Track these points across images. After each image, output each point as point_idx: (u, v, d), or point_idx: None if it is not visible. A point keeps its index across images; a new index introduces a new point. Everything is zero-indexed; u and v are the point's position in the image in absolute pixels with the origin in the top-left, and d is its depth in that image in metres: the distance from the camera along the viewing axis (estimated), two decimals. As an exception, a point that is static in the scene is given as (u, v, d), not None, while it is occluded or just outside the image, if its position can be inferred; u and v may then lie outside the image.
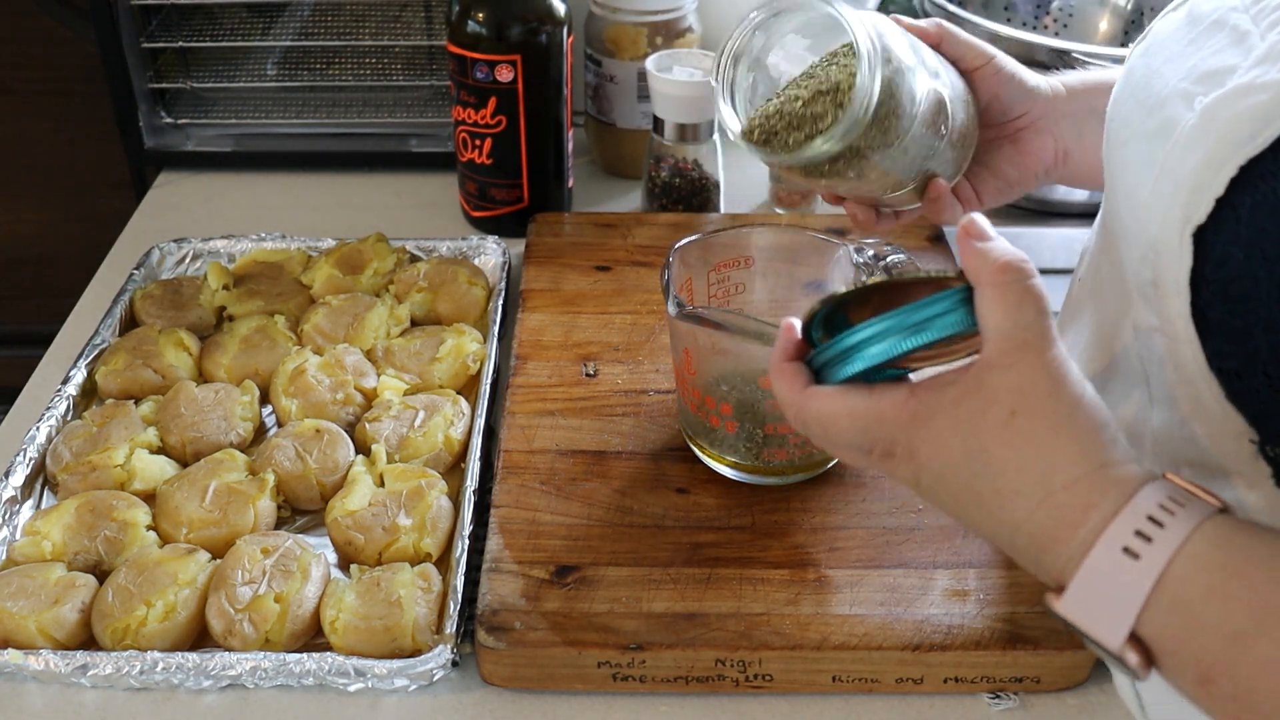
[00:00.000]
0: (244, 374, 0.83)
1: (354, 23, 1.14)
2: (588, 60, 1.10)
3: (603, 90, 1.10)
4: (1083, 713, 0.63)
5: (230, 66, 1.17)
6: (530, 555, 0.67)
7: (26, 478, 0.74)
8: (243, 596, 0.64)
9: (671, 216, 1.01)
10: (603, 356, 0.83)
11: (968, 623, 0.63)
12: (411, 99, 1.16)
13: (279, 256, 0.96)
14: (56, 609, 0.64)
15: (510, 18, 0.93)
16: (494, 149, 0.98)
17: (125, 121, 1.10)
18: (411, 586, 0.65)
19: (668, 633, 0.62)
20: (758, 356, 0.67)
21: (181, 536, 0.70)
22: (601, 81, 1.10)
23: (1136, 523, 0.42)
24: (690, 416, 0.73)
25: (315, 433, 0.76)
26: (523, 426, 0.76)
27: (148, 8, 1.11)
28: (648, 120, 1.03)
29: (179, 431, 0.77)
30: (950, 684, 0.63)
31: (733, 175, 1.10)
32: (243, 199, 1.10)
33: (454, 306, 0.90)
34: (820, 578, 0.66)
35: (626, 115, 1.10)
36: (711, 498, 0.71)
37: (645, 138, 1.03)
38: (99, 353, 0.85)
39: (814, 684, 0.63)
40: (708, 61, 0.99)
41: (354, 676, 0.61)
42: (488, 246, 0.96)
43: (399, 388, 0.82)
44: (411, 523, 0.70)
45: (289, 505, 0.75)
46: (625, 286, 0.91)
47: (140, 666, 0.61)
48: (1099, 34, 1.23)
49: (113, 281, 0.97)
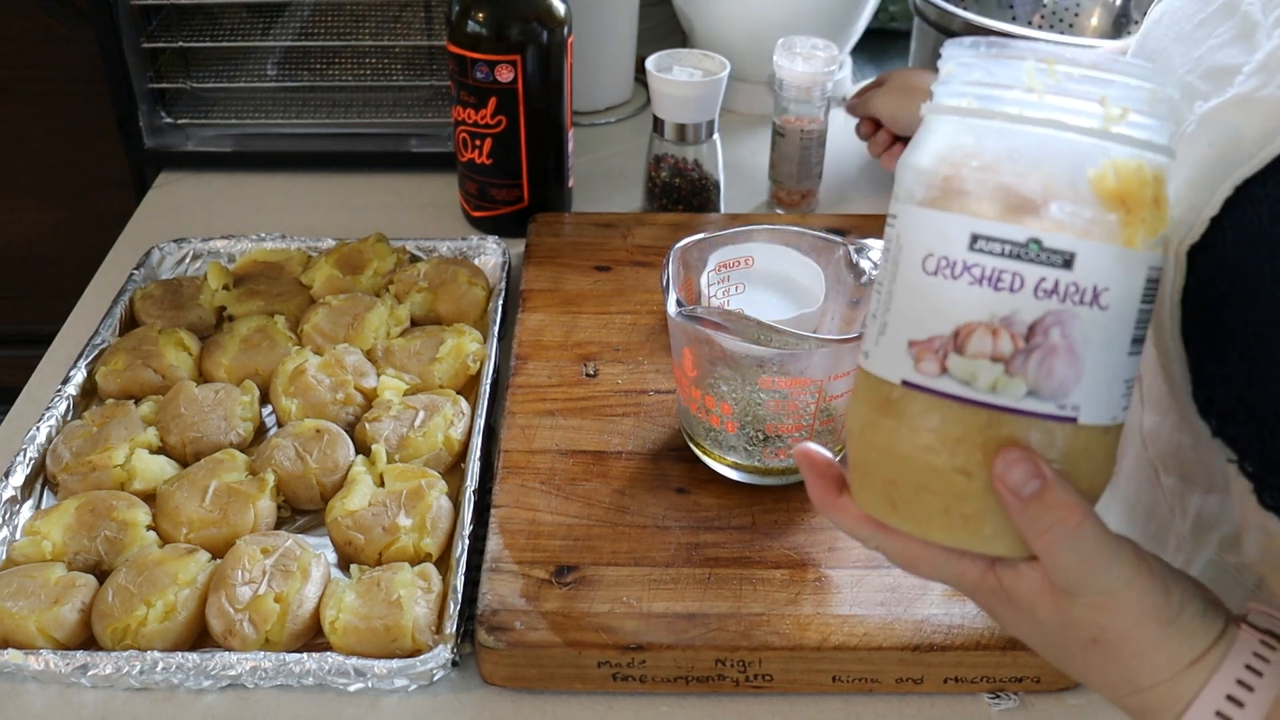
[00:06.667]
0: (244, 374, 0.83)
1: (354, 23, 1.14)
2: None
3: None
4: (1083, 713, 0.63)
5: (230, 66, 1.16)
6: (530, 555, 0.67)
7: (26, 478, 0.74)
8: (243, 596, 0.64)
9: (671, 216, 1.01)
10: (603, 356, 0.83)
11: (968, 623, 0.63)
12: (411, 99, 1.16)
13: (279, 256, 0.96)
14: (56, 609, 0.64)
15: (510, 18, 0.93)
16: (494, 149, 0.98)
17: (125, 121, 1.10)
18: (411, 586, 0.65)
19: (668, 633, 0.62)
20: (758, 357, 0.67)
21: (181, 536, 0.70)
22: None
23: (1218, 704, 0.42)
24: (690, 416, 0.73)
25: (315, 433, 0.76)
26: (523, 426, 0.76)
27: (148, 8, 1.11)
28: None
29: (179, 431, 0.77)
30: (950, 684, 0.63)
31: (733, 175, 1.10)
32: (243, 199, 1.10)
33: (454, 306, 0.90)
34: (820, 578, 0.66)
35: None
36: (711, 498, 0.71)
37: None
38: (99, 353, 0.85)
39: (814, 684, 0.63)
40: (708, 62, 0.98)
41: (354, 676, 0.61)
42: (488, 246, 0.96)
43: (399, 388, 0.82)
44: (411, 523, 0.70)
45: (289, 505, 0.75)
46: (625, 286, 0.91)
47: (140, 666, 0.61)
48: (1089, 28, 1.24)
49: (113, 281, 0.97)
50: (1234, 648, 0.43)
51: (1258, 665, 0.42)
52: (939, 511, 0.43)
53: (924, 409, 0.42)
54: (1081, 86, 0.40)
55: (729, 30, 1.21)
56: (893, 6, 1.43)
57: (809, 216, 1.06)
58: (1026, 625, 0.46)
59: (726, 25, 1.21)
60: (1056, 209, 0.40)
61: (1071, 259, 0.40)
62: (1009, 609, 0.46)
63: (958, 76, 0.43)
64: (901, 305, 0.43)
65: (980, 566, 0.45)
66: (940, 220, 0.42)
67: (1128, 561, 0.43)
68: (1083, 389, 0.41)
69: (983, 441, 0.41)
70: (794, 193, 1.07)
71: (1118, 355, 0.42)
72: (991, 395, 0.41)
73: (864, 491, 0.46)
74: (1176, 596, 0.43)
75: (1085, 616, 0.43)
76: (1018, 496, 0.41)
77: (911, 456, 0.43)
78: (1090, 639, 0.44)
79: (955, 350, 0.41)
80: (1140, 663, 0.43)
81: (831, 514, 0.48)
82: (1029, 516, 0.41)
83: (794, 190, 1.07)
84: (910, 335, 0.42)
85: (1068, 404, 0.41)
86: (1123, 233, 0.40)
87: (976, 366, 0.41)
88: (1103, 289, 0.40)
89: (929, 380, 0.42)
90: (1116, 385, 0.42)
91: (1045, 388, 0.41)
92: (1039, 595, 0.44)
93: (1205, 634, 0.43)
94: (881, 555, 0.47)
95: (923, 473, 0.43)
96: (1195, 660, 0.43)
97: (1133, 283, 0.41)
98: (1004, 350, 0.41)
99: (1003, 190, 0.40)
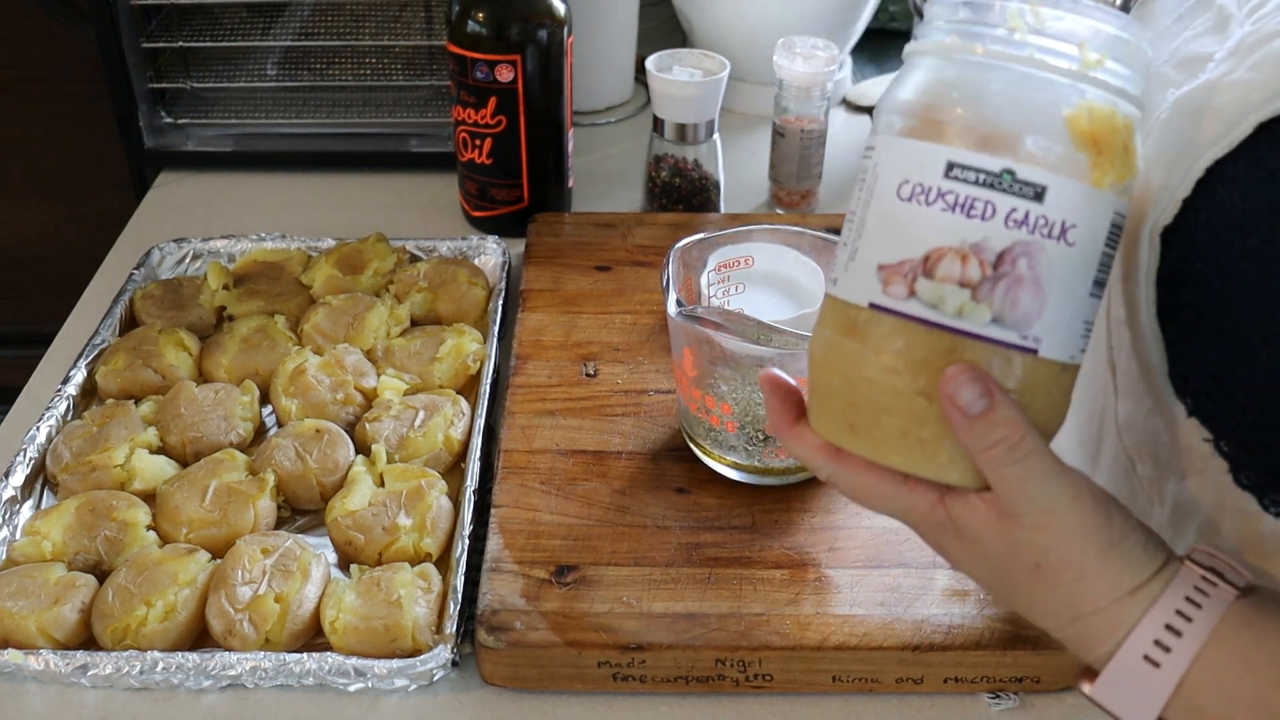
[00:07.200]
0: (244, 374, 0.83)
1: (354, 23, 1.14)
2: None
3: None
4: (1083, 713, 0.63)
5: (230, 66, 1.16)
6: (530, 555, 0.67)
7: (26, 478, 0.74)
8: (243, 596, 0.64)
9: (671, 216, 1.01)
10: (603, 356, 0.83)
11: (968, 623, 0.63)
12: (411, 99, 1.16)
13: (279, 256, 0.96)
14: (56, 609, 0.64)
15: (510, 18, 0.93)
16: (494, 149, 0.98)
17: (125, 121, 1.10)
18: (411, 586, 0.65)
19: (668, 633, 0.62)
20: (758, 357, 0.67)
21: (181, 536, 0.70)
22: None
23: (1156, 633, 0.43)
24: (690, 416, 0.73)
25: (315, 433, 0.76)
26: (523, 426, 0.76)
27: (148, 8, 1.11)
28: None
29: (179, 431, 0.77)
30: (950, 684, 0.63)
31: (733, 175, 1.10)
32: (243, 199, 1.10)
33: (454, 306, 0.90)
34: (820, 578, 0.66)
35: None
36: (711, 498, 0.71)
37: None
38: (99, 353, 0.85)
39: (814, 684, 0.63)
40: (708, 62, 0.98)
41: (354, 676, 0.61)
42: (488, 246, 0.96)
43: (399, 388, 0.82)
44: (411, 523, 0.70)
45: (289, 505, 0.75)
46: (625, 286, 0.91)
47: (140, 666, 0.61)
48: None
49: (113, 281, 0.97)
50: (1175, 580, 0.44)
51: (1197, 598, 0.43)
52: (897, 434, 0.45)
53: (889, 331, 0.44)
54: (1063, 29, 0.42)
55: (729, 30, 1.21)
56: (893, 6, 1.43)
57: (809, 216, 1.06)
58: (974, 558, 0.47)
59: (726, 25, 1.21)
60: (1031, 143, 0.42)
61: (1043, 192, 0.42)
62: (957, 542, 0.47)
63: (941, 16, 0.45)
64: (873, 231, 0.45)
65: (930, 499, 0.46)
66: (918, 149, 0.43)
67: (1069, 482, 0.44)
68: (1045, 322, 0.42)
69: (945, 365, 0.43)
70: (794, 193, 1.07)
71: (1080, 293, 0.43)
72: (957, 320, 0.42)
73: (823, 416, 0.47)
74: (1119, 525, 0.45)
75: (1029, 539, 0.44)
76: (965, 414, 0.42)
77: (874, 379, 0.44)
78: (1034, 564, 0.45)
79: (924, 274, 0.43)
80: (1082, 587, 0.44)
81: (788, 440, 0.49)
82: (975, 434, 0.42)
83: (794, 190, 1.07)
84: (881, 259, 0.44)
85: (1029, 335, 0.42)
86: (1092, 173, 0.42)
87: (944, 290, 0.42)
88: (1070, 225, 0.42)
89: (896, 303, 0.43)
90: (1076, 324, 0.44)
91: (1009, 316, 0.42)
92: (986, 524, 0.45)
93: (1147, 564, 0.44)
94: (841, 491, 0.49)
95: (884, 394, 0.44)
96: (1136, 589, 0.44)
97: (1099, 223, 0.43)
98: (972, 276, 0.42)
99: (981, 122, 0.42)
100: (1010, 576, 0.46)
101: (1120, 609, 0.44)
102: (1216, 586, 0.44)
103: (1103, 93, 0.42)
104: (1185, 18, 0.51)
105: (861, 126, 1.25)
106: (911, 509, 0.47)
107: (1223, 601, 0.43)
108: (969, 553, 0.47)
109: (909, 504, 0.47)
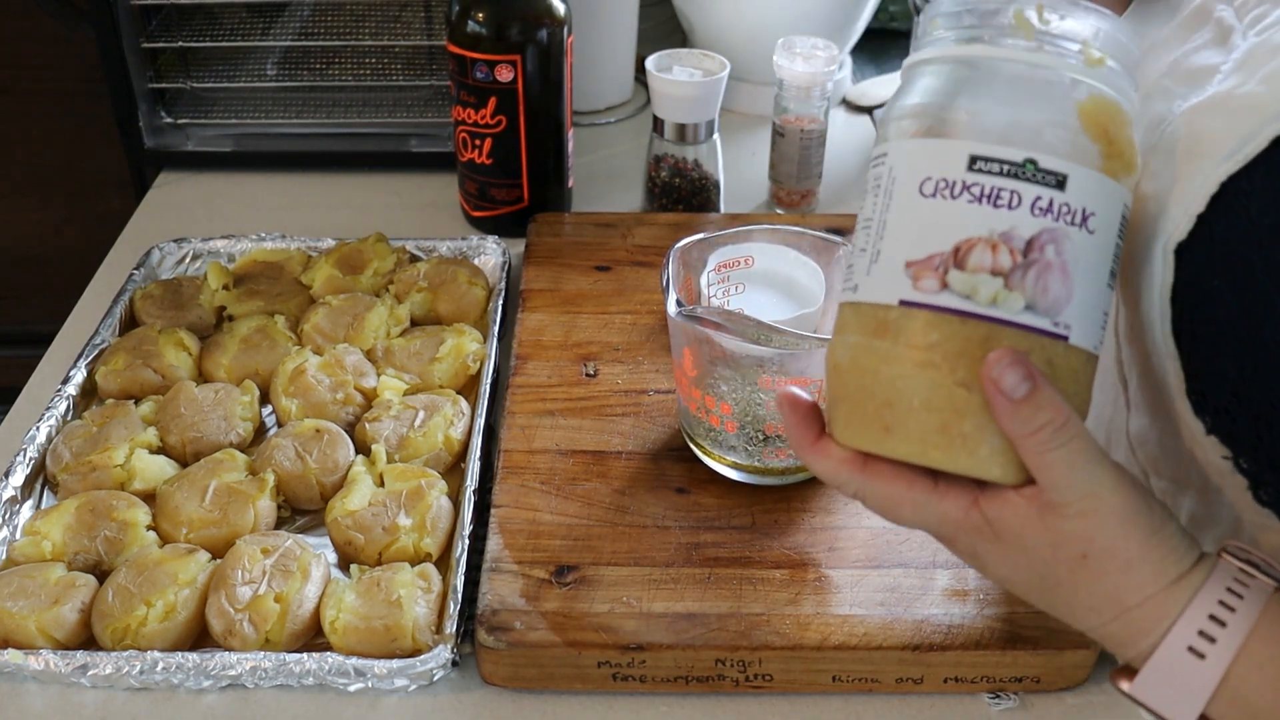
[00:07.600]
0: (244, 374, 0.83)
1: (354, 23, 1.14)
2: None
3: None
4: (1083, 713, 0.63)
5: (230, 66, 1.16)
6: (530, 555, 0.67)
7: (26, 478, 0.74)
8: (243, 596, 0.64)
9: (671, 216, 1.01)
10: (603, 356, 0.83)
11: (968, 623, 0.63)
12: (411, 99, 1.16)
13: (279, 256, 0.96)
14: (56, 609, 0.64)
15: (510, 18, 0.93)
16: (494, 149, 0.98)
17: (125, 121, 1.10)
18: (411, 586, 0.65)
19: (668, 633, 0.62)
20: (758, 357, 0.67)
21: (181, 536, 0.70)
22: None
23: (1200, 623, 0.43)
24: (690, 416, 0.73)
25: (315, 433, 0.76)
26: (523, 426, 0.76)
27: (148, 8, 1.11)
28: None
29: (179, 431, 0.77)
30: (950, 684, 0.63)
31: (733, 175, 1.10)
32: (243, 199, 1.10)
33: (454, 306, 0.90)
34: (820, 578, 0.66)
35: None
36: (711, 498, 0.71)
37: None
38: (99, 353, 0.85)
39: (814, 684, 0.63)
40: (708, 61, 0.98)
41: (354, 676, 0.61)
42: (488, 246, 0.96)
43: (399, 388, 0.82)
44: (411, 523, 0.70)
45: (289, 505, 0.75)
46: (625, 286, 0.91)
47: (140, 666, 0.61)
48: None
49: (113, 281, 0.97)
50: (1216, 570, 0.44)
51: (1238, 589, 0.44)
52: (936, 430, 0.44)
53: (923, 326, 0.44)
54: (1066, 28, 0.44)
55: (729, 30, 1.21)
56: (893, 6, 1.43)
57: (809, 216, 1.06)
58: (1013, 559, 0.46)
59: (726, 25, 1.21)
60: (1050, 134, 0.43)
61: (1064, 180, 0.43)
62: (994, 545, 0.46)
63: (944, 25, 0.46)
64: (896, 230, 0.45)
65: (964, 503, 0.46)
66: (938, 146, 0.44)
67: (1110, 467, 0.44)
68: (1073, 309, 0.43)
69: (982, 355, 0.43)
70: (794, 193, 1.07)
71: (1101, 282, 0.44)
72: (991, 308, 0.43)
73: (852, 424, 0.47)
74: (1158, 511, 0.45)
75: (1073, 528, 0.44)
76: (1009, 399, 0.42)
77: (910, 374, 0.44)
78: (1080, 555, 0.44)
79: (955, 266, 0.43)
80: (1128, 577, 0.44)
81: (812, 457, 0.48)
82: (1020, 418, 0.42)
83: (794, 190, 1.07)
84: (908, 256, 0.44)
85: (1060, 321, 0.43)
86: (1105, 163, 0.43)
87: (977, 280, 0.43)
88: (1090, 213, 0.43)
89: (928, 296, 0.43)
90: (1098, 314, 0.44)
91: (1041, 302, 0.43)
92: (1026, 520, 0.45)
93: (1187, 553, 0.45)
94: (862, 503, 0.48)
95: (922, 389, 0.44)
96: (1180, 577, 0.44)
97: (1113, 213, 0.44)
98: (1003, 264, 0.42)
99: (999, 116, 0.43)
100: (1053, 574, 0.45)
101: (1165, 599, 0.44)
102: (1255, 578, 0.44)
103: (1107, 88, 0.44)
104: (1181, 30, 0.51)
105: (861, 126, 1.26)
106: (945, 516, 0.46)
107: (1263, 592, 0.43)
108: (1006, 555, 0.46)
109: (942, 511, 0.46)
